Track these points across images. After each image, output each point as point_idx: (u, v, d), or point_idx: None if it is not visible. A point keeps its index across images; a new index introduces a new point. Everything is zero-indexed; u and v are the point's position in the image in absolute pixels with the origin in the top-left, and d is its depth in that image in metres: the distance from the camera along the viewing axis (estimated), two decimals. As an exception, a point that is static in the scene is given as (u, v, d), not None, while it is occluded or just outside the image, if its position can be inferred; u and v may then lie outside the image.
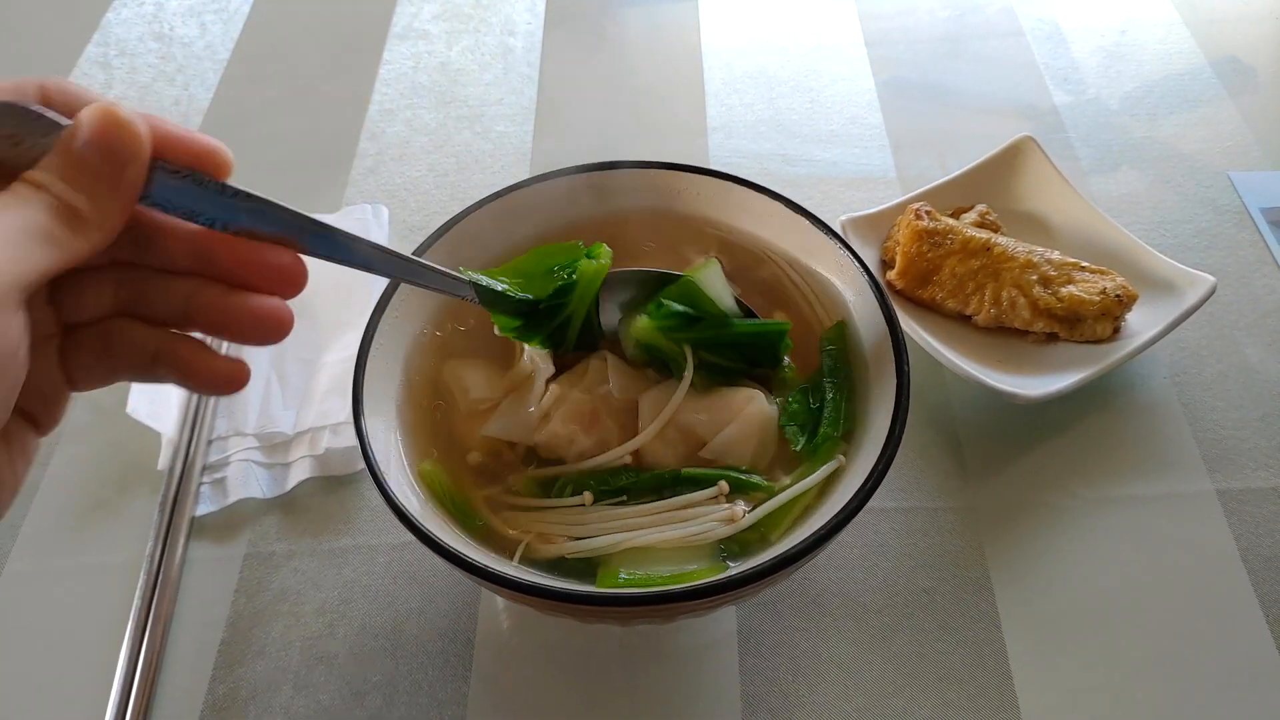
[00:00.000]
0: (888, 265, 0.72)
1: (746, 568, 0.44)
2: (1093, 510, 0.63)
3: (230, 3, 1.08)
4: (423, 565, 0.62)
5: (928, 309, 0.70)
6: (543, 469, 0.53)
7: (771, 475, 0.52)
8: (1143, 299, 0.67)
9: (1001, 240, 0.69)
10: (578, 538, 0.50)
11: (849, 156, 0.89)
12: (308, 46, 1.03)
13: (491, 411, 0.55)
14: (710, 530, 0.49)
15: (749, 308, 0.55)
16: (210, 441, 0.67)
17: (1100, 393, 0.69)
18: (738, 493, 0.51)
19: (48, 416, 0.38)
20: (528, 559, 0.49)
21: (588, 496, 0.51)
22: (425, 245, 0.56)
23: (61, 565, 0.63)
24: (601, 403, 0.54)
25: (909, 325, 0.66)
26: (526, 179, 0.60)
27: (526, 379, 0.55)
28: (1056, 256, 0.69)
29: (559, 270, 0.51)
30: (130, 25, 1.06)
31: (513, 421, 0.54)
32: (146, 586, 0.60)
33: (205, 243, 0.37)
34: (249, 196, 0.36)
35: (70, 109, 0.34)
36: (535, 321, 0.52)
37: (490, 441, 0.54)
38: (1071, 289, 0.67)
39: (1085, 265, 0.69)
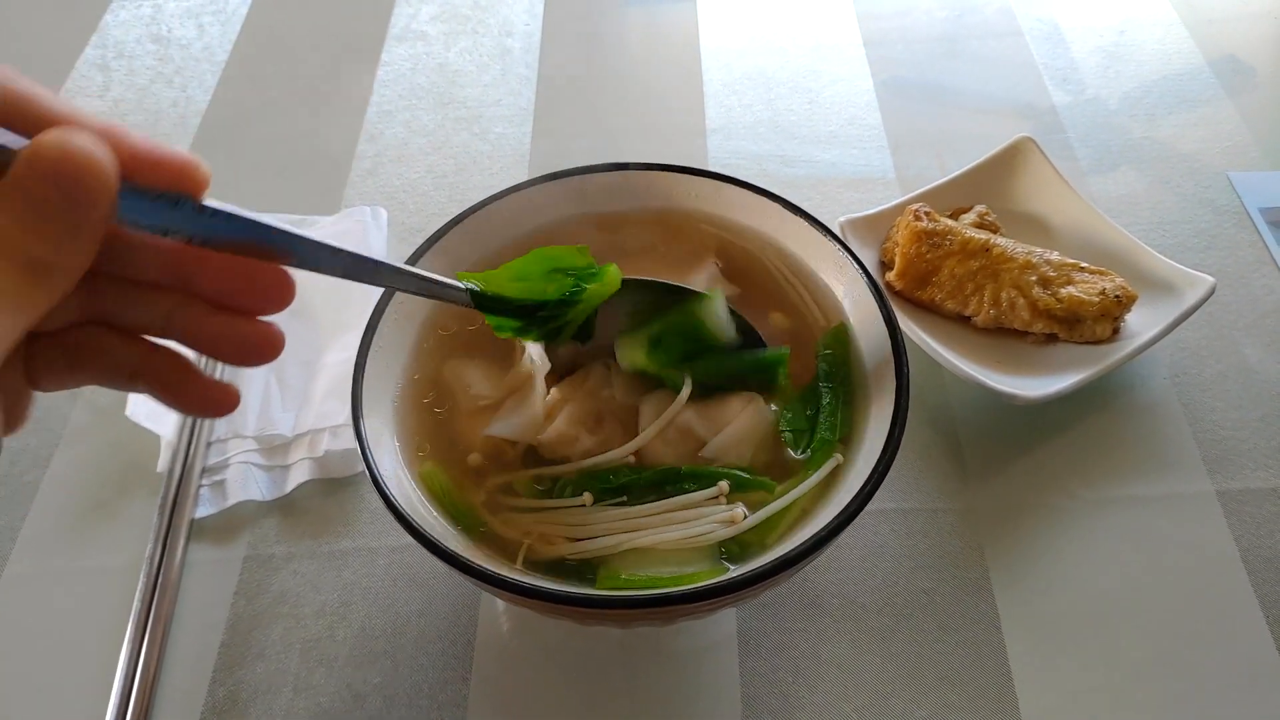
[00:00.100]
0: (887, 266, 0.72)
1: (747, 570, 0.44)
2: (1093, 511, 0.63)
3: (228, 4, 1.08)
4: (423, 567, 0.62)
5: (927, 310, 0.70)
6: (545, 468, 0.53)
7: (770, 477, 0.52)
8: (1142, 299, 0.67)
9: (1001, 241, 0.69)
10: (578, 539, 0.50)
11: (848, 157, 0.89)
12: (306, 48, 1.03)
13: (492, 411, 0.55)
14: (711, 531, 0.49)
15: (748, 324, 0.55)
16: (209, 444, 0.67)
17: (1100, 393, 0.69)
18: (738, 492, 0.51)
19: (11, 418, 0.35)
20: (528, 560, 0.49)
21: (588, 497, 0.51)
22: (423, 248, 0.56)
23: (61, 567, 0.63)
24: (605, 405, 0.55)
25: (908, 326, 0.66)
26: (524, 181, 0.60)
27: (528, 379, 0.55)
28: (1056, 257, 0.69)
29: (561, 274, 0.51)
30: (128, 27, 1.06)
31: (516, 421, 0.54)
32: (146, 589, 0.60)
33: (182, 257, 0.35)
34: (230, 217, 0.33)
35: (27, 120, 0.30)
36: (532, 324, 0.51)
37: (491, 442, 0.54)
38: (1071, 290, 0.67)
39: (1084, 266, 0.69)
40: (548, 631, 0.59)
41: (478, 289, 0.48)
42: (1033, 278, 0.68)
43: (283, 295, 0.36)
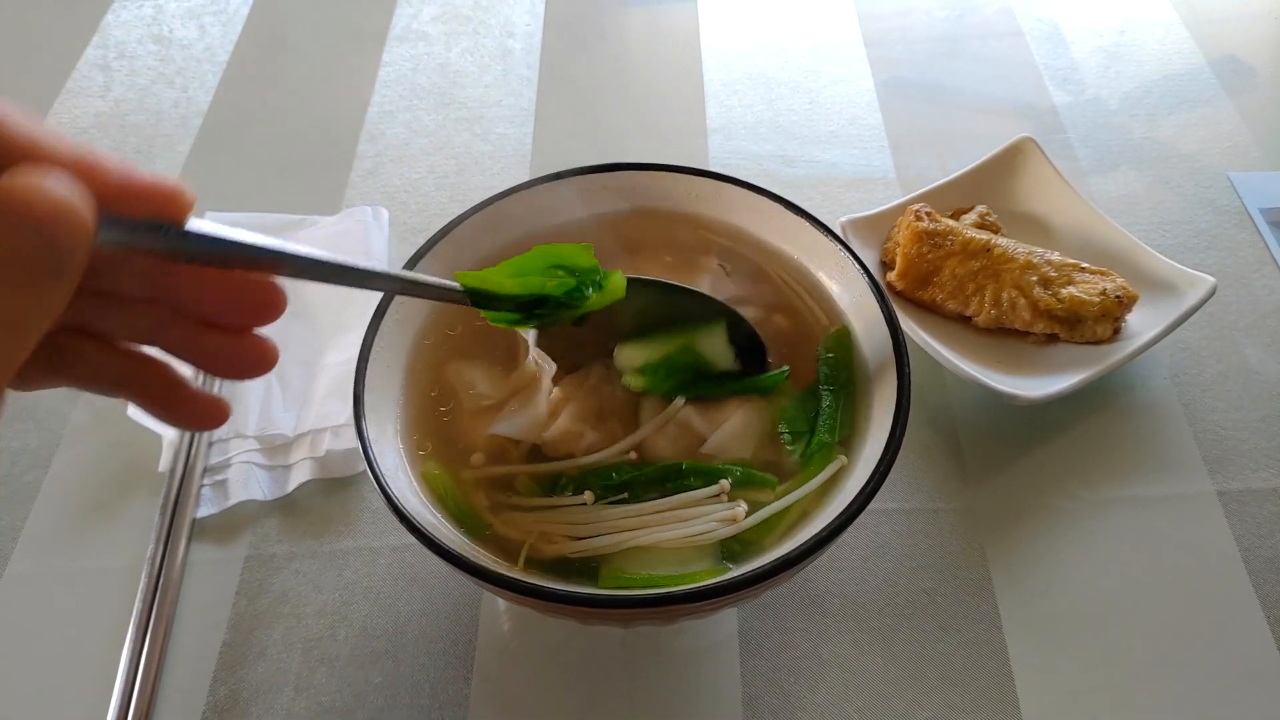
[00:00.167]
0: (888, 267, 0.72)
1: (748, 570, 0.44)
2: (1093, 511, 0.63)
3: (229, 5, 1.08)
4: (424, 567, 0.62)
5: (928, 310, 0.70)
6: (547, 464, 0.53)
7: (771, 475, 0.52)
8: (1143, 300, 0.67)
9: (1001, 241, 0.69)
10: (580, 537, 0.50)
11: (848, 157, 0.89)
12: (307, 48, 1.03)
13: (495, 411, 0.55)
14: (712, 530, 0.49)
15: (749, 327, 0.55)
16: (211, 443, 0.67)
17: (1100, 394, 0.69)
18: (740, 489, 0.51)
19: None
20: (530, 559, 0.49)
21: (589, 495, 0.51)
22: (425, 249, 0.56)
23: (62, 567, 0.63)
24: (607, 402, 0.55)
25: (909, 326, 0.66)
26: (524, 182, 0.60)
27: (532, 379, 0.55)
28: (1056, 257, 0.69)
29: (563, 272, 0.50)
30: (129, 28, 1.06)
31: (521, 420, 0.54)
32: (147, 589, 0.60)
33: (163, 274, 0.33)
34: (215, 240, 0.32)
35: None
36: (529, 318, 0.51)
37: (495, 442, 0.54)
38: (1071, 290, 0.67)
39: (1085, 266, 0.69)
40: (549, 631, 0.59)
41: (474, 287, 0.48)
42: (1033, 278, 0.68)
43: (273, 308, 0.35)
